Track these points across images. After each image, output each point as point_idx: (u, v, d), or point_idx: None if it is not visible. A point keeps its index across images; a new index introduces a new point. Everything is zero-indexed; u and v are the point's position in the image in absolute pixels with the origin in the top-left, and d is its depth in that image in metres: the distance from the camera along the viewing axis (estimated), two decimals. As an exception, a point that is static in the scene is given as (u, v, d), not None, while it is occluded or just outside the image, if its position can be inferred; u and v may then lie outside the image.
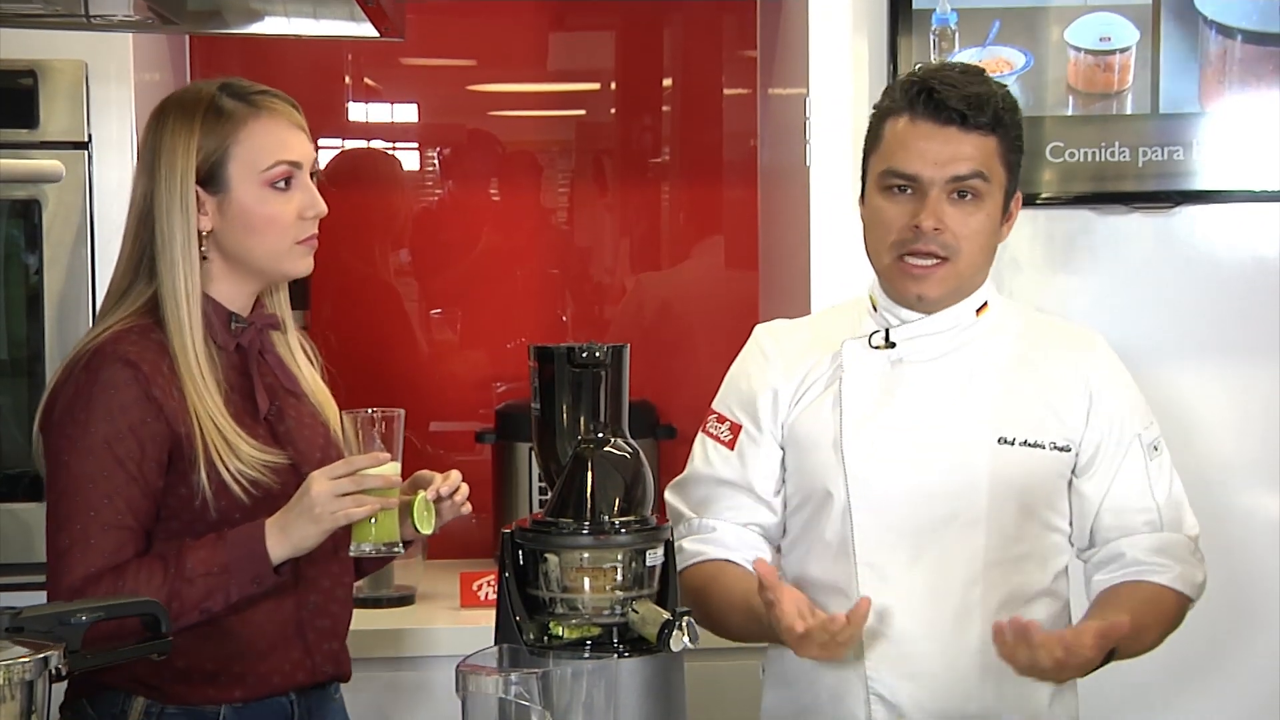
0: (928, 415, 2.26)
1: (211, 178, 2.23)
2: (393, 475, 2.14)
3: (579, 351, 2.06)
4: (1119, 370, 2.34)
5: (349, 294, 3.83)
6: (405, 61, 3.90)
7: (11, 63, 2.99)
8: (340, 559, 2.31)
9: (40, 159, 3.00)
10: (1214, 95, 3.14)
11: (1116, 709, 2.68)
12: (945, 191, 2.20)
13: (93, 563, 2.13)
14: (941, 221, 2.19)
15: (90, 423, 2.15)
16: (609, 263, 3.98)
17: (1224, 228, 3.24)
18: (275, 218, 2.24)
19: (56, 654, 1.74)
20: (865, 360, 2.30)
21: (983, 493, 2.23)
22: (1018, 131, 2.25)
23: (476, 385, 3.88)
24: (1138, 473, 2.29)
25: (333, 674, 2.34)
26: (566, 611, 2.01)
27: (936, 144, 2.20)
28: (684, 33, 3.93)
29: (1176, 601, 2.27)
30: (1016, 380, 2.27)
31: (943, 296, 2.25)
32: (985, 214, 2.22)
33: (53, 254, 3.02)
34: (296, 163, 2.25)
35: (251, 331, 2.30)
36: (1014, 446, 2.24)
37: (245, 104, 2.24)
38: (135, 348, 2.18)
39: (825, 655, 2.07)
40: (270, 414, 2.28)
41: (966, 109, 2.19)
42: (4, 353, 3.08)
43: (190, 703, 2.23)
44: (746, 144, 3.83)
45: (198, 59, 3.66)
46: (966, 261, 2.22)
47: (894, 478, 2.24)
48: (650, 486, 2.06)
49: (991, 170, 2.21)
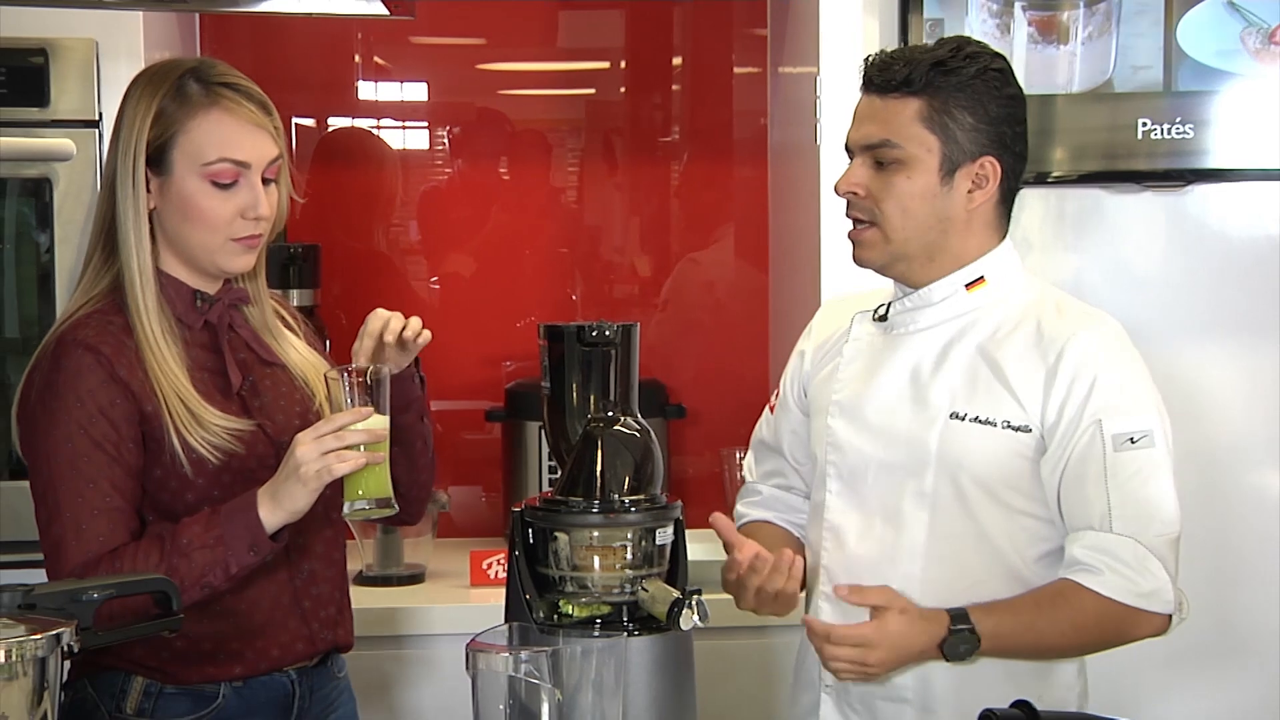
0: (898, 387, 2.26)
1: (158, 159, 2.21)
2: (379, 429, 2.12)
3: (589, 330, 2.06)
4: (1096, 357, 2.19)
5: (358, 273, 3.83)
6: (415, 40, 3.90)
7: (22, 41, 2.99)
8: (333, 524, 2.31)
9: (51, 138, 3.00)
10: (1227, 74, 3.13)
11: (1125, 690, 2.67)
12: (866, 158, 2.22)
13: (88, 549, 2.13)
14: (858, 185, 2.22)
15: (61, 410, 2.16)
16: (619, 242, 3.98)
17: (1236, 207, 3.24)
18: (210, 212, 2.21)
19: (68, 631, 1.73)
20: (863, 331, 2.33)
21: (930, 467, 2.22)
22: (966, 95, 2.18)
23: (486, 364, 3.88)
24: (1093, 462, 2.15)
25: (332, 642, 2.34)
26: (576, 590, 2.01)
27: (860, 112, 2.25)
28: (694, 11, 3.92)
29: (1100, 608, 2.13)
30: (986, 356, 2.23)
31: (881, 261, 2.25)
32: (905, 178, 2.19)
33: (63, 232, 3.02)
34: (243, 163, 2.21)
35: (219, 307, 2.29)
36: (964, 422, 2.20)
37: (205, 93, 2.21)
38: (95, 332, 2.19)
39: (762, 608, 2.21)
40: (244, 389, 2.27)
41: (877, 75, 2.21)
42: (15, 330, 3.08)
43: (190, 682, 2.24)
44: (757, 122, 3.83)
45: (208, 37, 3.65)
46: (894, 226, 2.21)
47: (862, 447, 2.27)
48: (660, 465, 2.06)
49: (907, 136, 2.18)
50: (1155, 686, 3.12)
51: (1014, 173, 2.25)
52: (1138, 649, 2.23)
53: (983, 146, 2.20)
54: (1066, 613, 2.15)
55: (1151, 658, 2.54)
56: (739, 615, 2.27)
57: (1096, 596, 2.13)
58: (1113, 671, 2.36)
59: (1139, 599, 2.14)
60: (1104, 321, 2.26)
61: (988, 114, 2.20)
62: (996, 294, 2.27)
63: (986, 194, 2.22)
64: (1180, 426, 2.28)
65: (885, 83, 2.20)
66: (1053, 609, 2.16)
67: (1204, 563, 2.33)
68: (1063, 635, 2.17)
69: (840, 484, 2.29)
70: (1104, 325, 2.25)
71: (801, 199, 3.33)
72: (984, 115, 2.19)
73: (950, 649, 2.12)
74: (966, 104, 2.19)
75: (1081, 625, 2.16)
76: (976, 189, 2.22)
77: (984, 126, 2.20)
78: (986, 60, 2.21)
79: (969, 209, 2.22)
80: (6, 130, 2.98)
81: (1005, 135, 2.22)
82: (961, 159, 2.20)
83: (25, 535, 2.88)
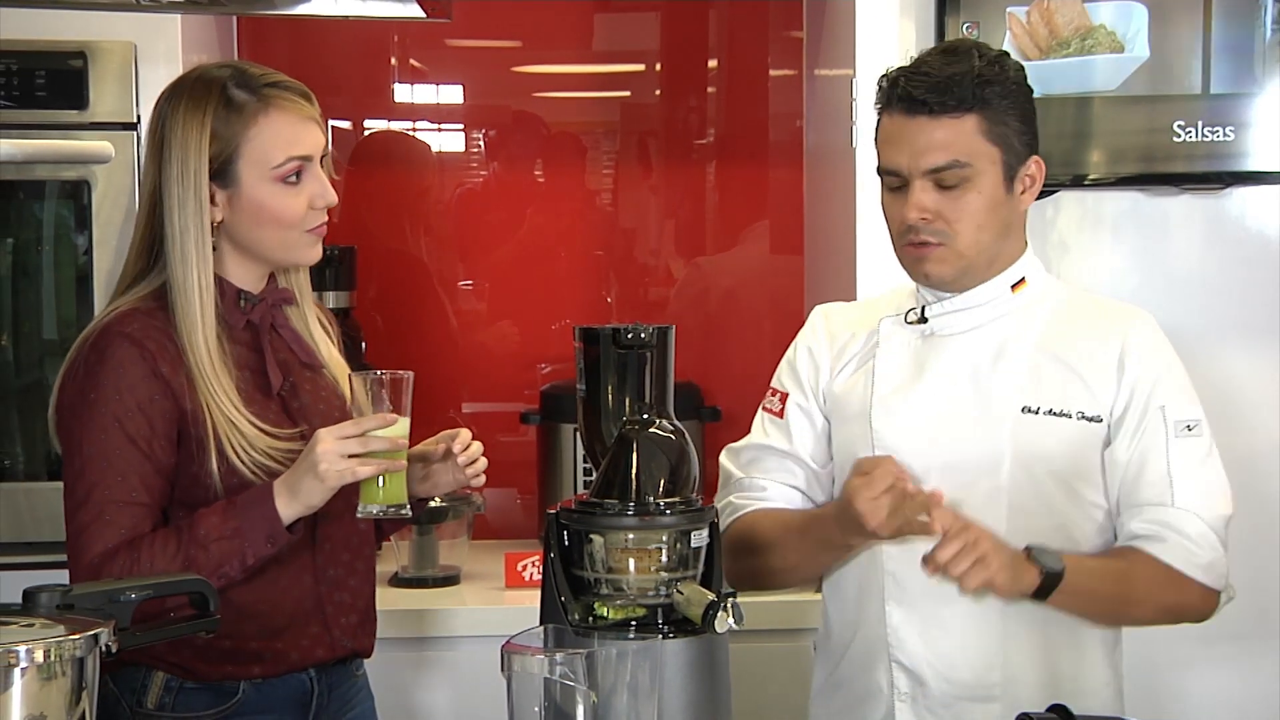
0: (955, 387, 2.27)
1: (222, 173, 2.23)
2: (400, 437, 2.14)
3: (624, 332, 2.05)
4: (1157, 347, 2.28)
5: (394, 276, 3.85)
6: (451, 43, 3.91)
7: (62, 44, 3.02)
8: (360, 530, 2.33)
9: (90, 140, 3.02)
10: (1266, 76, 3.11)
11: (1160, 668, 2.67)
12: (927, 182, 2.20)
13: (109, 539, 2.15)
14: (928, 211, 2.21)
15: (99, 401, 2.18)
16: (654, 244, 3.98)
17: (1274, 208, 3.22)
18: (286, 210, 2.25)
19: (106, 631, 1.74)
20: (898, 335, 2.33)
21: (1005, 462, 2.23)
22: (1011, 100, 2.21)
23: (521, 366, 3.90)
24: (1157, 444, 2.23)
25: (352, 649, 2.35)
26: (611, 592, 2.01)
27: (909, 136, 2.21)
28: (729, 13, 3.93)
29: (1159, 574, 2.20)
30: (1048, 351, 2.26)
31: (953, 275, 2.25)
32: (977, 193, 2.21)
33: (102, 234, 3.04)
34: (306, 156, 2.25)
35: (262, 307, 2.31)
36: (1038, 415, 2.23)
37: (255, 98, 2.23)
38: (140, 327, 2.20)
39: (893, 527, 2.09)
40: (284, 390, 2.29)
41: (930, 96, 2.19)
42: (53, 332, 3.10)
43: (210, 679, 2.25)
44: (792, 125, 3.82)
45: (245, 40, 3.67)
46: (966, 242, 2.22)
47: (918, 448, 2.25)
48: (695, 468, 2.06)
49: (973, 152, 2.20)
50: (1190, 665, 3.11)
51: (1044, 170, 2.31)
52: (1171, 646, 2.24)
53: (1030, 147, 2.25)
54: (1139, 570, 2.20)
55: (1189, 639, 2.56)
56: (774, 618, 2.27)
57: (1157, 562, 2.20)
58: (1149, 651, 2.37)
59: (1198, 570, 2.20)
60: (1144, 314, 2.33)
61: (1027, 115, 2.24)
62: (1035, 293, 2.31)
63: (1033, 193, 2.27)
64: (1219, 428, 2.31)
65: (941, 105, 2.19)
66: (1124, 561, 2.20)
67: (1241, 565, 2.32)
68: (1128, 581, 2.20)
69: None
70: (1150, 317, 2.32)
71: (837, 202, 3.32)
72: (1027, 116, 2.24)
73: (1038, 552, 2.12)
74: (1014, 109, 2.22)
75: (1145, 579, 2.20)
76: (1027, 190, 2.26)
77: (1028, 128, 2.24)
78: (1012, 65, 2.25)
79: (1021, 211, 2.28)
80: (46, 132, 3.00)
81: (1038, 133, 2.27)
82: (1017, 164, 2.24)
83: (62, 535, 2.92)
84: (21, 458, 3.09)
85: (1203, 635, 2.44)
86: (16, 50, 3.00)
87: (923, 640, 2.26)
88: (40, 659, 1.67)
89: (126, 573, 2.12)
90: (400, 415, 2.15)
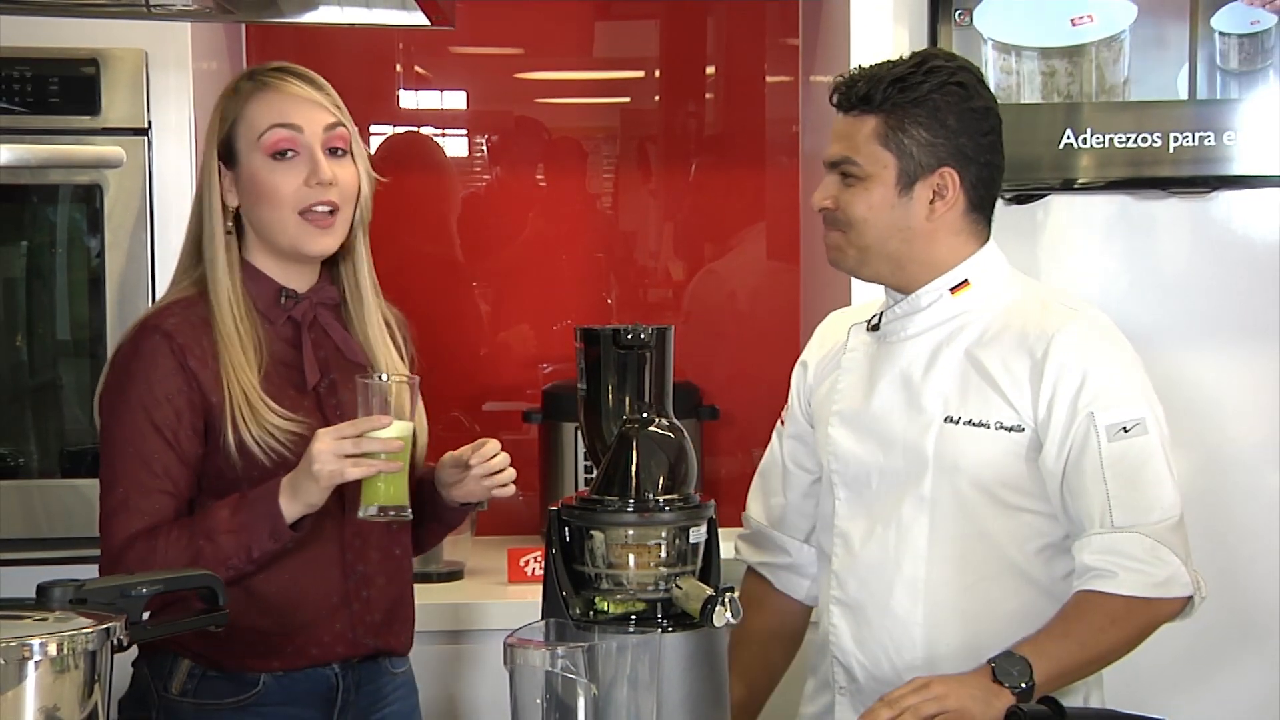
0: (894, 394, 2.30)
1: (227, 154, 2.30)
2: (397, 439, 2.14)
3: (624, 333, 2.07)
4: (1083, 350, 2.22)
5: (398, 279, 3.84)
6: (454, 50, 3.93)
7: (75, 51, 3.04)
8: (391, 531, 2.35)
9: (102, 145, 3.02)
10: (1252, 81, 3.14)
11: (1144, 686, 2.69)
12: (834, 173, 2.29)
13: (134, 524, 2.20)
14: (828, 199, 2.30)
15: (130, 391, 2.23)
16: (653, 247, 4.00)
17: (1261, 212, 3.24)
18: (277, 186, 2.27)
19: (118, 625, 1.76)
20: (859, 342, 2.39)
21: (929, 472, 2.26)
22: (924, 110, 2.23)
23: (524, 366, 3.91)
24: (1089, 455, 2.18)
25: (375, 648, 2.36)
26: (611, 587, 2.03)
27: (832, 130, 2.31)
28: (727, 21, 3.95)
29: (1123, 606, 2.15)
30: (973, 360, 2.26)
31: (852, 265, 2.32)
32: (869, 192, 2.26)
33: (114, 238, 3.06)
34: (294, 125, 2.28)
35: (305, 305, 2.34)
36: (959, 426, 2.25)
37: (254, 82, 2.31)
38: (176, 320, 2.25)
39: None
40: (321, 386, 2.31)
41: (843, 94, 2.27)
42: (66, 334, 3.12)
43: (230, 669, 2.28)
44: (788, 130, 3.86)
45: (254, 47, 3.69)
46: (862, 235, 2.28)
47: (863, 455, 2.31)
48: (694, 465, 2.08)
49: (866, 153, 2.25)
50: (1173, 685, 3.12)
51: (983, 181, 2.29)
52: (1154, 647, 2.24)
53: (941, 159, 2.25)
54: (1097, 619, 2.16)
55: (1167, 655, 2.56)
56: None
57: (1114, 599, 2.15)
58: (1130, 669, 2.39)
59: (1156, 589, 2.16)
60: (1087, 315, 2.28)
61: (945, 127, 2.24)
62: (982, 297, 2.30)
63: (948, 204, 2.27)
64: (1206, 431, 2.30)
65: (846, 101, 2.27)
66: (1080, 619, 2.17)
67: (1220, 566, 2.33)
68: (1103, 632, 2.16)
69: (847, 491, 2.34)
70: (1087, 318, 2.27)
71: (833, 205, 3.35)
72: (941, 129, 2.24)
73: (1001, 672, 2.08)
74: (923, 119, 2.24)
75: (1109, 623, 2.16)
76: (938, 199, 2.26)
77: (941, 140, 2.24)
78: (947, 75, 2.25)
79: (931, 219, 2.27)
80: (59, 138, 3.01)
81: (966, 147, 2.26)
82: (919, 172, 2.25)
83: (77, 532, 2.96)
84: (35, 455, 3.10)
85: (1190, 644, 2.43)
86: (30, 58, 3.02)
87: (854, 639, 2.31)
88: (54, 652, 1.69)
89: (143, 560, 2.16)
90: (402, 418, 2.15)
